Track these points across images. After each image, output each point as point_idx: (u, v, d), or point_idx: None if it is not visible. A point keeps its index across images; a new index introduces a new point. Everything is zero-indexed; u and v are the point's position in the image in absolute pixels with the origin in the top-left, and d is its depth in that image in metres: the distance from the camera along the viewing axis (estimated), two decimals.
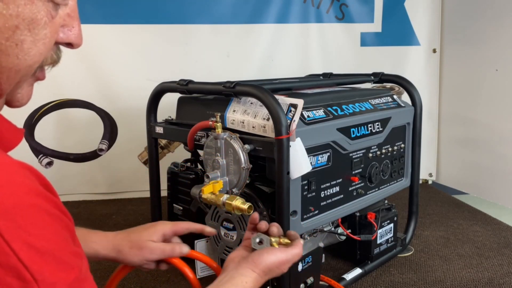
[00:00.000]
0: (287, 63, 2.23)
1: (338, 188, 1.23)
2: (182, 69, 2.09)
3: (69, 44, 0.56)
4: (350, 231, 1.33)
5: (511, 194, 1.97)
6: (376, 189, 1.36)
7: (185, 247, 0.92)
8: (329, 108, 1.20)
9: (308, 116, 1.12)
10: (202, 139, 1.18)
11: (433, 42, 2.30)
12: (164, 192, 1.42)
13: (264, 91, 1.03)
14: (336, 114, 1.20)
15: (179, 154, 1.51)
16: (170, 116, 1.38)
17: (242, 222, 1.15)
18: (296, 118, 1.02)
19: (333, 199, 1.22)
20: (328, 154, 1.17)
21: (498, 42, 1.97)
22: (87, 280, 0.51)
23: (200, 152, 1.24)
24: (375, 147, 1.33)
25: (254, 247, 0.87)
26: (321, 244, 1.32)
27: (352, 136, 1.22)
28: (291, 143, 1.02)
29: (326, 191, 1.19)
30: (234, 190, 1.10)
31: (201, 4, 2.11)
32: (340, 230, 1.31)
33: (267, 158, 1.08)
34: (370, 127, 1.28)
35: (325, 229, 1.29)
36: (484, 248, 1.57)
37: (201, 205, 1.28)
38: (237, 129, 1.12)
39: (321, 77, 1.63)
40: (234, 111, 1.14)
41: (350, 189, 1.27)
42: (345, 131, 1.20)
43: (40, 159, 2.04)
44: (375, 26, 2.28)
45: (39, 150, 2.04)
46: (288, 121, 1.01)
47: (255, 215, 0.92)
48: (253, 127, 1.09)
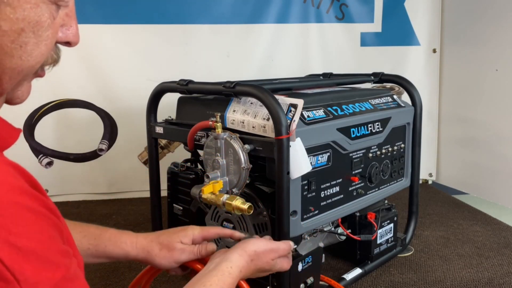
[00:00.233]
0: (287, 63, 2.22)
1: (338, 188, 1.23)
2: (182, 69, 2.09)
3: (67, 43, 0.57)
4: (350, 231, 1.33)
5: (511, 194, 1.97)
6: (376, 189, 1.36)
7: (212, 245, 0.94)
8: (329, 108, 1.20)
9: (308, 116, 1.12)
10: (202, 139, 1.18)
11: (433, 42, 2.30)
12: (164, 192, 1.42)
13: (264, 91, 1.03)
14: (336, 114, 1.20)
15: (179, 154, 1.51)
16: (170, 116, 1.38)
17: (242, 222, 1.15)
18: (296, 118, 1.02)
19: (333, 199, 1.22)
20: (328, 154, 1.17)
21: (498, 42, 1.97)
22: (76, 279, 0.50)
23: (200, 152, 1.24)
24: (375, 147, 1.33)
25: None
26: (321, 244, 1.32)
27: (352, 136, 1.22)
28: (291, 143, 1.02)
29: (326, 191, 1.19)
30: (234, 190, 1.10)
31: (201, 4, 2.11)
32: (340, 230, 1.31)
33: (267, 158, 1.08)
34: (370, 127, 1.28)
35: (325, 229, 1.29)
36: (484, 248, 1.57)
37: (201, 205, 1.28)
38: (237, 129, 1.12)
39: (321, 77, 1.63)
40: (234, 111, 1.14)
41: (350, 189, 1.27)
42: (345, 131, 1.20)
43: (40, 159, 2.04)
44: (375, 26, 2.28)
45: (39, 150, 2.04)
46: (288, 121, 1.01)
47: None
48: (253, 127, 1.09)
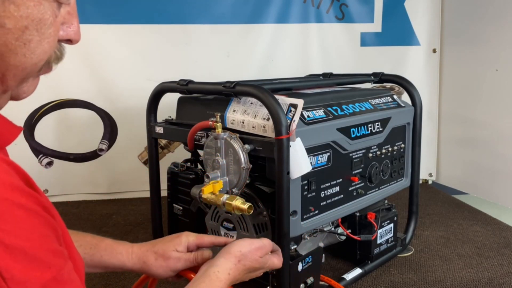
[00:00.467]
0: (287, 63, 2.22)
1: (338, 188, 1.23)
2: (182, 69, 2.08)
3: (68, 40, 0.57)
4: (350, 231, 1.33)
5: (511, 194, 1.97)
6: (376, 189, 1.36)
7: (208, 252, 0.93)
8: (329, 108, 1.20)
9: (308, 116, 1.12)
10: (202, 139, 1.18)
11: (433, 42, 2.30)
12: (164, 192, 1.42)
13: (264, 91, 1.03)
14: (336, 114, 1.20)
15: (179, 154, 1.51)
16: (170, 116, 1.38)
17: (242, 222, 1.15)
18: (296, 118, 1.02)
19: (333, 199, 1.22)
20: (328, 154, 1.17)
21: (498, 42, 1.97)
22: (69, 282, 0.48)
23: (200, 152, 1.24)
24: (375, 147, 1.33)
25: None
26: (321, 244, 1.32)
27: (352, 136, 1.22)
28: (291, 143, 1.02)
29: (326, 191, 1.19)
30: (234, 190, 1.10)
31: (201, 4, 2.11)
32: (340, 230, 1.31)
33: (267, 158, 1.08)
34: (370, 127, 1.28)
35: (325, 229, 1.29)
36: (484, 248, 1.57)
37: (201, 205, 1.28)
38: (237, 129, 1.12)
39: (321, 77, 1.63)
40: (234, 111, 1.14)
41: (350, 189, 1.27)
42: (345, 131, 1.20)
43: (40, 159, 2.04)
44: (375, 26, 2.28)
45: (39, 150, 2.04)
46: (288, 121, 1.01)
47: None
48: (253, 127, 1.09)
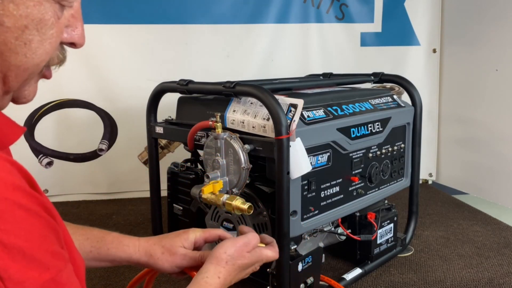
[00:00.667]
0: (287, 63, 2.22)
1: (338, 188, 1.23)
2: (182, 69, 2.09)
3: (72, 44, 0.58)
4: (350, 231, 1.33)
5: (511, 194, 1.97)
6: (376, 189, 1.36)
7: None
8: (329, 108, 1.20)
9: (308, 116, 1.12)
10: (202, 139, 1.18)
11: (433, 42, 2.30)
12: (164, 192, 1.42)
13: (264, 91, 1.03)
14: (336, 114, 1.20)
15: (179, 154, 1.51)
16: (170, 116, 1.38)
17: (242, 222, 1.15)
18: (296, 118, 1.02)
19: (333, 199, 1.22)
20: (328, 154, 1.17)
21: (498, 42, 1.97)
22: (68, 285, 0.48)
23: (200, 152, 1.24)
24: (375, 147, 1.33)
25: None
26: (321, 244, 1.32)
27: (352, 136, 1.22)
28: (291, 143, 1.02)
29: (326, 191, 1.19)
30: (234, 190, 1.10)
31: (201, 4, 2.11)
32: (340, 230, 1.31)
33: (267, 158, 1.08)
34: (370, 127, 1.28)
35: (325, 229, 1.29)
36: (484, 248, 1.57)
37: (201, 205, 1.28)
38: (237, 129, 1.12)
39: (321, 77, 1.63)
40: (234, 111, 1.14)
41: (350, 189, 1.27)
42: (345, 131, 1.20)
43: (40, 159, 2.04)
44: (375, 26, 2.27)
45: (39, 150, 2.04)
46: (288, 121, 1.01)
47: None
48: (253, 127, 1.09)
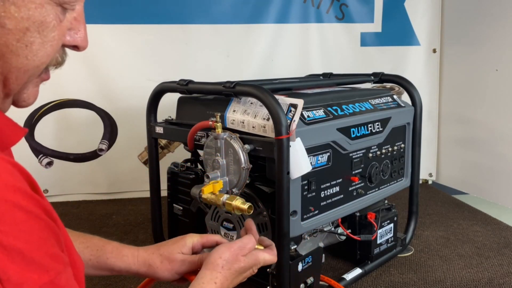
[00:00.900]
0: (287, 63, 2.22)
1: (338, 188, 1.23)
2: (182, 69, 2.09)
3: (75, 47, 0.58)
4: (350, 231, 1.33)
5: (511, 194, 1.97)
6: (376, 189, 1.36)
7: None
8: (329, 108, 1.20)
9: (308, 116, 1.12)
10: (202, 139, 1.18)
11: (433, 42, 2.30)
12: (164, 192, 1.42)
13: (264, 91, 1.03)
14: (336, 114, 1.20)
15: (179, 154, 1.51)
16: (170, 116, 1.38)
17: (242, 222, 1.15)
18: (296, 118, 1.02)
19: (333, 199, 1.22)
20: (328, 154, 1.17)
21: (498, 42, 1.97)
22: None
23: (200, 152, 1.24)
24: (375, 147, 1.33)
25: None
26: (321, 244, 1.32)
27: (352, 136, 1.22)
28: (291, 143, 1.02)
29: (326, 191, 1.19)
30: (234, 190, 1.10)
31: (201, 4, 2.11)
32: (340, 230, 1.31)
33: (267, 158, 1.08)
34: (370, 127, 1.28)
35: (325, 229, 1.29)
36: (484, 248, 1.57)
37: (201, 205, 1.28)
38: (237, 129, 1.12)
39: (321, 77, 1.63)
40: (234, 111, 1.14)
41: (350, 189, 1.27)
42: (345, 131, 1.20)
43: (40, 159, 2.04)
44: (375, 26, 2.27)
45: (39, 150, 2.04)
46: (288, 121, 1.01)
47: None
48: (253, 127, 1.09)
